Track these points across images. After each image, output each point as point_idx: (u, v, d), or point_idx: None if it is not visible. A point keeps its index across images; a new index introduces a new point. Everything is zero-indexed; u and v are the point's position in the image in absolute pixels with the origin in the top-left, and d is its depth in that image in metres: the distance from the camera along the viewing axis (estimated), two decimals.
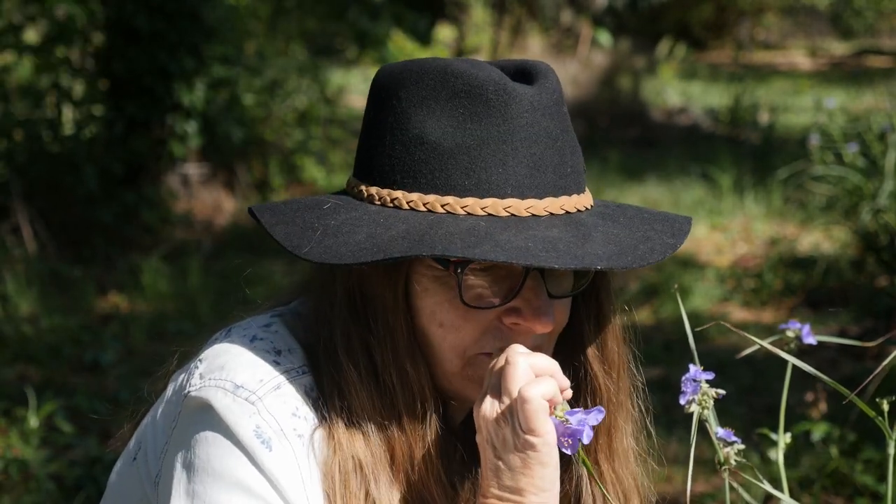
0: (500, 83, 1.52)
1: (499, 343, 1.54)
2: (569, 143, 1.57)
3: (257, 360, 1.53)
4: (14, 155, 8.17)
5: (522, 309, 1.53)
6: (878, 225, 6.83)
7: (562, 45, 16.55)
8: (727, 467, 1.42)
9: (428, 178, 1.51)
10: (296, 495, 1.47)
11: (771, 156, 10.79)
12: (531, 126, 1.52)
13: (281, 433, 1.48)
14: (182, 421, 1.53)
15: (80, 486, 4.36)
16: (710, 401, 1.41)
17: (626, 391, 1.68)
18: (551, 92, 1.56)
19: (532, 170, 1.51)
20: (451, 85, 1.52)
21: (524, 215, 1.50)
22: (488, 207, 1.49)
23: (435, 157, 1.51)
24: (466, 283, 1.51)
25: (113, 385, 5.50)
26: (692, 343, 1.57)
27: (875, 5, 25.33)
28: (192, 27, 8.62)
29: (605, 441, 1.66)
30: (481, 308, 1.52)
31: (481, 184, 1.50)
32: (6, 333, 6.19)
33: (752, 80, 16.31)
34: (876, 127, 7.68)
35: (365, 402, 1.53)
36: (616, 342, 1.67)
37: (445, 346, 1.54)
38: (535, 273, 1.51)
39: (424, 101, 1.53)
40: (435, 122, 1.52)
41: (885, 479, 4.00)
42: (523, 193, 1.50)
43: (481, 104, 1.51)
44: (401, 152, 1.53)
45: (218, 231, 8.66)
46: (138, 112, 8.55)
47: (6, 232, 7.78)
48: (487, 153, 1.50)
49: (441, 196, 1.50)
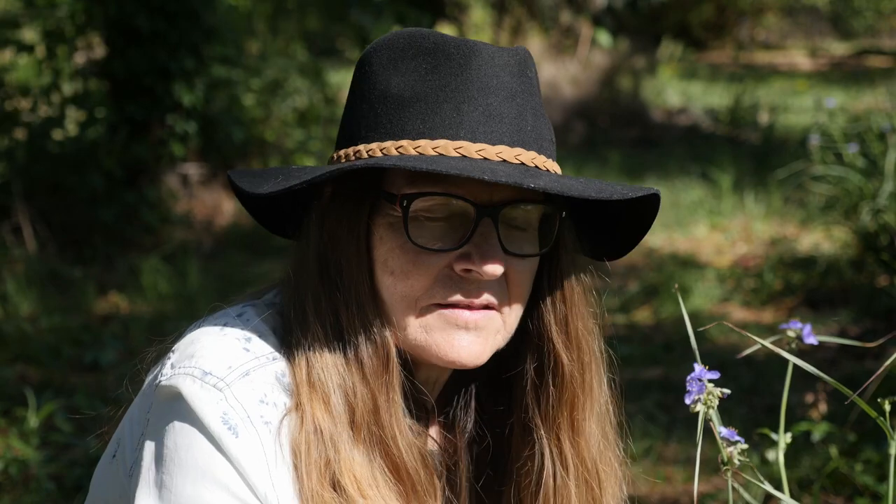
0: (463, 41, 1.56)
1: (449, 292, 1.54)
2: (531, 105, 1.58)
3: (227, 348, 1.54)
4: (15, 155, 8.17)
5: (472, 253, 1.53)
6: (878, 225, 6.83)
7: (562, 45, 16.54)
8: (730, 467, 1.41)
9: (387, 127, 1.55)
10: (260, 481, 1.48)
11: (771, 156, 10.79)
12: (490, 78, 1.54)
13: (248, 420, 1.49)
14: (155, 411, 1.55)
15: (80, 486, 4.36)
16: (716, 400, 1.41)
17: (594, 372, 1.67)
18: (515, 54, 1.59)
19: (486, 118, 1.53)
20: (418, 44, 1.57)
21: (474, 157, 1.52)
22: (439, 147, 1.52)
23: (395, 108, 1.55)
24: (417, 225, 1.53)
25: (113, 385, 5.50)
26: (693, 343, 1.57)
27: (875, 5, 25.33)
28: (192, 27, 8.62)
29: (566, 417, 1.65)
30: (429, 250, 1.53)
31: (435, 127, 1.53)
32: (6, 333, 6.18)
33: (752, 80, 16.31)
34: (876, 127, 7.68)
35: (329, 363, 1.54)
36: (580, 321, 1.66)
37: (397, 296, 1.55)
38: (488, 220, 1.53)
39: (392, 62, 1.57)
40: (399, 77, 1.56)
41: (885, 479, 4.00)
42: (475, 138, 1.52)
43: (443, 58, 1.55)
44: (367, 111, 1.58)
45: (218, 231, 8.66)
46: (138, 112, 8.55)
47: (6, 232, 7.78)
48: (443, 99, 1.53)
49: (396, 141, 1.54)
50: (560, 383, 1.64)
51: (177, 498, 1.47)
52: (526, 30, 16.73)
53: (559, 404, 1.64)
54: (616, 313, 6.83)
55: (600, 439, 1.68)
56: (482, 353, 1.58)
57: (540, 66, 14.49)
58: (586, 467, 1.66)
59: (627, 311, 6.89)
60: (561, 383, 1.64)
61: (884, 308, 6.25)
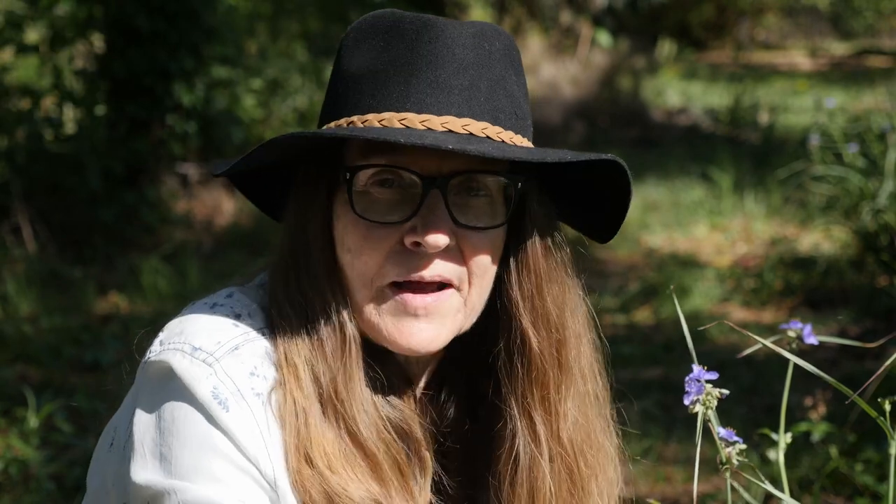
0: (421, 17, 1.57)
1: (401, 269, 1.54)
2: (487, 77, 1.56)
3: (216, 324, 1.56)
4: (14, 155, 8.17)
5: (418, 226, 1.53)
6: (878, 225, 6.83)
7: (562, 45, 16.55)
8: (729, 467, 1.41)
9: (343, 104, 1.58)
10: (257, 452, 1.49)
11: (771, 156, 10.79)
12: (440, 51, 1.54)
13: (238, 394, 1.50)
14: (145, 387, 1.56)
15: (80, 486, 4.36)
16: (714, 401, 1.40)
17: (572, 351, 1.65)
18: (474, 28, 1.58)
19: (434, 88, 1.53)
20: (378, 25, 1.59)
21: (418, 128, 1.51)
22: (384, 120, 1.53)
23: (351, 86, 1.57)
24: (367, 199, 1.54)
25: (113, 385, 5.49)
26: (690, 344, 1.57)
27: (875, 5, 25.33)
28: (192, 27, 8.62)
29: (537, 395, 1.63)
30: (379, 224, 1.54)
31: (383, 101, 1.54)
32: (6, 333, 6.18)
33: (752, 80, 16.31)
34: (876, 127, 7.68)
35: (298, 343, 1.56)
36: (553, 298, 1.63)
37: (354, 274, 1.57)
38: (436, 192, 1.53)
39: (355, 43, 1.60)
40: (358, 57, 1.58)
41: (885, 479, 4.00)
42: (421, 110, 1.53)
43: (396, 34, 1.56)
44: (331, 92, 1.62)
45: (218, 231, 8.66)
46: (138, 112, 8.55)
47: (6, 232, 7.78)
48: (393, 73, 1.54)
49: (348, 117, 1.56)
50: (528, 361, 1.63)
51: (178, 468, 1.48)
52: (526, 30, 16.73)
53: (528, 382, 1.63)
54: (616, 313, 6.83)
55: (585, 422, 1.66)
56: (435, 339, 1.58)
57: (540, 66, 14.53)
58: (563, 448, 1.64)
59: (627, 311, 6.89)
60: (529, 361, 1.63)
61: (884, 308, 6.25)
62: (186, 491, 1.47)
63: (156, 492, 1.49)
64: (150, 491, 1.49)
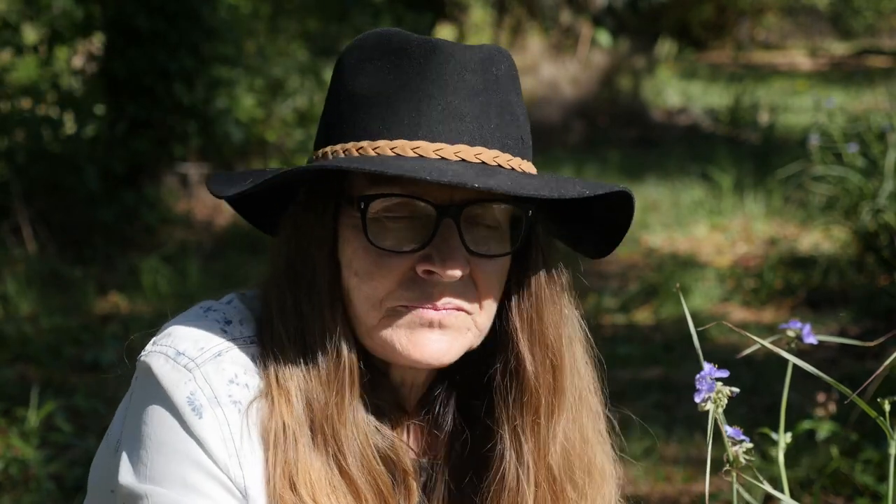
0: (428, 40, 1.55)
1: (412, 294, 1.54)
2: (496, 103, 1.56)
3: (204, 329, 1.57)
4: (14, 155, 8.17)
5: (433, 255, 1.52)
6: (878, 225, 6.83)
7: (562, 45, 16.55)
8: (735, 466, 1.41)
9: (350, 127, 1.55)
10: (227, 459, 1.49)
11: (771, 156, 10.79)
12: (450, 76, 1.53)
13: (214, 400, 1.51)
14: (134, 386, 1.59)
15: (80, 486, 4.36)
16: (725, 399, 1.40)
17: (568, 377, 1.64)
18: (482, 52, 1.57)
19: (447, 116, 1.52)
20: (384, 45, 1.57)
21: (431, 156, 1.51)
22: (397, 148, 1.51)
23: (357, 109, 1.55)
24: (379, 227, 1.53)
25: (113, 385, 5.50)
26: (696, 342, 1.57)
27: (875, 5, 25.33)
28: (192, 27, 8.62)
29: (528, 420, 1.62)
30: (391, 252, 1.53)
31: (393, 127, 1.52)
32: (6, 333, 6.19)
33: (752, 80, 16.31)
34: (876, 127, 7.68)
35: (291, 364, 1.55)
36: (552, 322, 1.63)
37: (361, 297, 1.55)
38: (449, 221, 1.52)
39: (359, 62, 1.58)
40: (363, 77, 1.56)
41: (885, 479, 4.00)
42: (434, 138, 1.52)
43: (404, 57, 1.54)
44: (333, 111, 1.59)
45: (218, 231, 8.66)
46: (138, 112, 8.55)
47: (6, 232, 7.78)
48: (403, 99, 1.53)
49: (357, 142, 1.54)
50: (522, 384, 1.62)
51: (152, 473, 1.50)
52: (526, 30, 16.73)
53: (521, 406, 1.62)
54: (616, 313, 6.83)
55: (577, 447, 1.65)
56: (448, 351, 1.57)
57: (540, 66, 14.52)
58: (551, 474, 1.63)
59: (627, 311, 6.89)
60: (523, 384, 1.62)
61: (884, 308, 6.25)
62: (158, 496, 1.48)
63: (131, 494, 1.50)
64: (126, 491, 1.51)
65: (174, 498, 1.48)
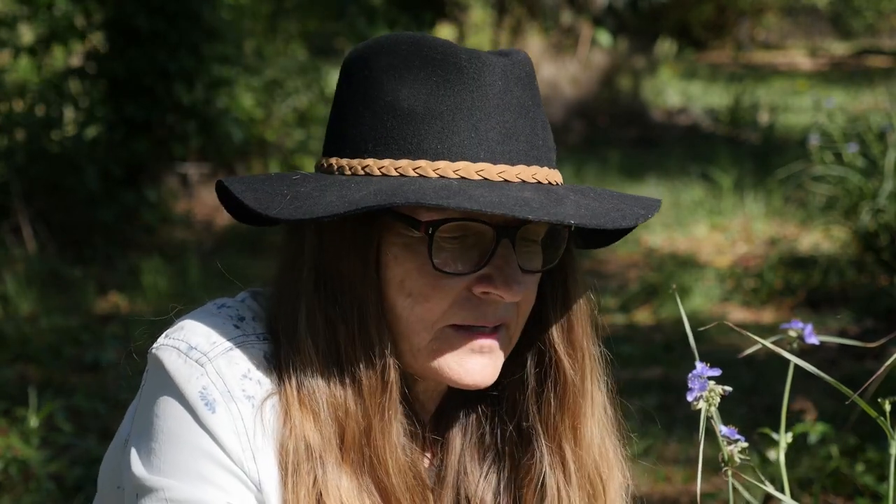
0: (473, 53, 1.52)
1: (467, 314, 1.52)
2: (540, 118, 1.56)
3: (217, 324, 1.55)
4: (14, 155, 8.17)
5: (493, 276, 1.51)
6: (878, 225, 6.83)
7: (562, 45, 16.55)
8: (731, 466, 1.41)
9: (400, 143, 1.50)
10: (241, 454, 1.49)
11: (771, 156, 10.80)
12: (504, 94, 1.52)
13: (228, 395, 1.49)
14: (145, 379, 1.57)
15: (80, 486, 4.36)
16: (717, 398, 1.40)
17: (592, 378, 1.66)
18: (523, 65, 1.56)
19: (504, 136, 1.51)
20: (424, 54, 1.52)
21: (496, 179, 1.49)
22: (461, 170, 1.48)
23: (407, 124, 1.50)
24: (437, 247, 1.49)
25: (113, 385, 5.50)
26: (692, 342, 1.57)
27: (875, 5, 25.34)
28: (192, 27, 8.62)
29: (569, 425, 1.63)
30: (451, 274, 1.50)
31: (454, 147, 1.49)
32: (6, 333, 6.19)
33: (752, 80, 16.32)
34: (875, 127, 7.68)
35: (320, 380, 1.52)
36: (581, 327, 1.64)
37: (413, 318, 1.52)
38: (506, 241, 1.50)
39: (396, 70, 1.52)
40: (407, 89, 1.51)
41: (885, 479, 4.00)
42: (495, 159, 1.50)
43: (454, 71, 1.50)
44: (371, 121, 1.52)
45: (218, 231, 8.66)
46: (138, 112, 8.55)
47: (6, 232, 7.78)
48: (460, 118, 1.49)
49: (413, 160, 1.49)
50: (562, 391, 1.62)
51: (166, 466, 1.49)
52: (526, 30, 16.73)
53: (561, 412, 1.63)
54: (616, 313, 6.83)
55: (599, 444, 1.67)
56: (494, 374, 1.57)
57: (540, 66, 14.52)
58: (588, 476, 1.65)
59: (627, 311, 6.89)
60: (563, 391, 1.62)
61: (884, 308, 6.26)
62: (174, 489, 1.47)
63: (145, 486, 1.49)
64: (139, 483, 1.50)
65: (189, 490, 1.47)
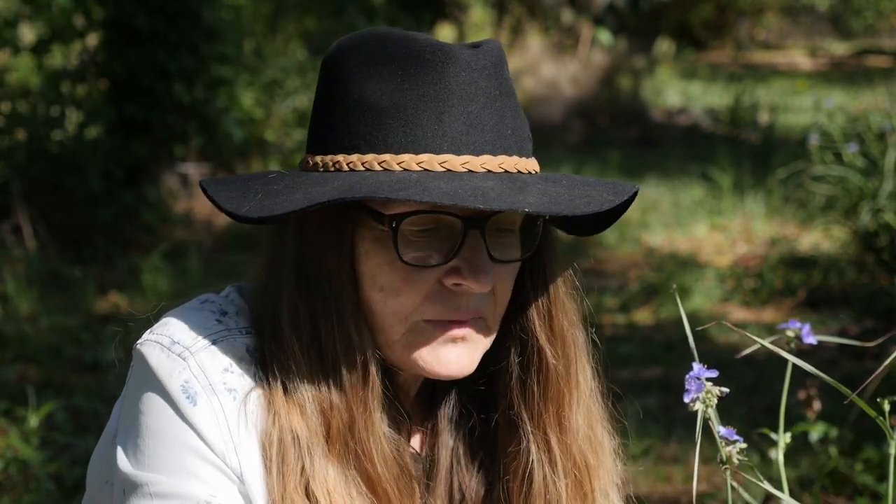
0: (437, 45, 1.53)
1: (440, 308, 1.53)
2: (509, 106, 1.56)
3: (199, 319, 1.57)
4: (14, 155, 8.17)
5: (462, 268, 1.52)
6: (878, 225, 6.83)
7: (562, 44, 16.55)
8: (729, 466, 1.41)
9: (367, 139, 1.52)
10: (224, 447, 1.50)
11: (771, 156, 10.80)
12: (468, 85, 1.52)
13: (209, 388, 1.51)
14: (130, 374, 1.59)
15: (80, 486, 4.36)
16: (714, 399, 1.40)
17: (577, 366, 1.66)
18: (490, 54, 1.55)
19: (468, 127, 1.51)
20: (389, 49, 1.54)
21: (459, 170, 1.50)
22: (423, 163, 1.50)
23: (373, 118, 1.52)
24: (404, 241, 1.51)
25: (113, 385, 5.50)
26: (692, 343, 1.57)
27: (875, 5, 25.34)
28: (192, 27, 8.62)
29: (553, 413, 1.64)
30: (420, 267, 1.52)
31: (417, 140, 1.50)
32: (6, 333, 6.19)
33: (752, 80, 16.32)
34: (875, 127, 7.68)
35: (304, 375, 1.54)
36: (565, 315, 1.64)
37: (387, 312, 1.54)
38: (476, 232, 1.51)
39: (363, 66, 1.54)
40: (374, 84, 1.53)
41: (885, 479, 4.00)
42: (459, 150, 1.51)
43: (418, 64, 1.52)
44: (341, 118, 1.55)
45: (218, 231, 8.67)
46: (138, 112, 8.55)
47: (6, 232, 7.79)
48: (423, 110, 1.51)
49: (378, 154, 1.51)
50: (545, 379, 1.63)
51: (150, 460, 1.50)
52: (526, 30, 16.73)
53: (545, 400, 1.63)
54: (616, 313, 6.83)
55: (586, 431, 1.67)
56: (471, 364, 1.58)
57: (540, 66, 14.53)
58: (574, 462, 1.65)
59: (627, 311, 6.89)
60: (546, 379, 1.63)
61: (884, 308, 6.26)
62: (158, 484, 1.49)
63: (130, 481, 1.51)
64: (125, 478, 1.52)
65: (173, 484, 1.49)
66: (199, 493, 1.48)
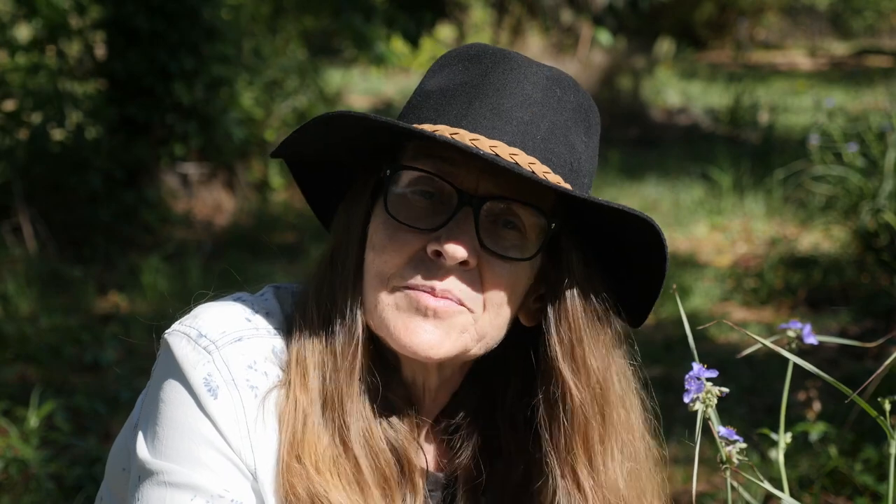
0: (502, 51, 1.62)
1: (418, 275, 1.55)
2: (551, 120, 1.58)
3: (229, 315, 1.60)
4: (15, 155, 8.17)
5: (443, 236, 1.54)
6: (878, 225, 6.83)
7: (562, 45, 16.55)
8: (729, 466, 1.41)
9: (408, 117, 1.61)
10: (240, 442, 1.52)
11: (771, 156, 10.79)
12: (512, 84, 1.57)
13: (232, 382, 1.53)
14: (157, 361, 1.62)
15: (80, 486, 4.36)
16: (714, 399, 1.40)
17: (616, 403, 1.64)
18: (552, 73, 1.61)
19: (493, 114, 1.55)
20: (464, 53, 1.64)
21: (467, 143, 1.52)
22: (437, 131, 1.55)
23: (421, 101, 1.61)
24: (404, 202, 1.56)
25: (113, 385, 5.50)
26: (692, 343, 1.57)
27: (875, 5, 25.34)
28: (192, 27, 8.62)
29: (582, 451, 1.62)
30: (405, 225, 1.55)
31: (442, 115, 1.57)
32: (6, 333, 6.18)
33: (752, 79, 16.31)
34: (875, 127, 7.68)
35: (315, 341, 1.59)
36: (593, 350, 1.62)
37: (373, 272, 1.58)
38: (468, 209, 1.54)
39: (439, 67, 1.65)
40: (438, 77, 1.63)
41: (884, 479, 4.00)
42: (476, 130, 1.54)
43: (476, 62, 1.61)
44: (406, 104, 1.65)
45: (218, 231, 8.66)
46: (138, 112, 8.55)
47: (7, 232, 7.78)
48: (460, 94, 1.58)
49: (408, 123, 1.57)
50: (571, 413, 1.61)
51: (167, 449, 1.52)
52: (526, 30, 16.73)
53: (572, 435, 1.62)
54: None
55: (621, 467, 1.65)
56: (440, 345, 1.56)
57: None
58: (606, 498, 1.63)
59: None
60: (571, 413, 1.61)
61: (884, 308, 6.25)
62: (173, 473, 1.51)
63: (146, 469, 1.53)
64: (142, 465, 1.54)
65: (186, 474, 1.50)
66: (212, 486, 1.50)
